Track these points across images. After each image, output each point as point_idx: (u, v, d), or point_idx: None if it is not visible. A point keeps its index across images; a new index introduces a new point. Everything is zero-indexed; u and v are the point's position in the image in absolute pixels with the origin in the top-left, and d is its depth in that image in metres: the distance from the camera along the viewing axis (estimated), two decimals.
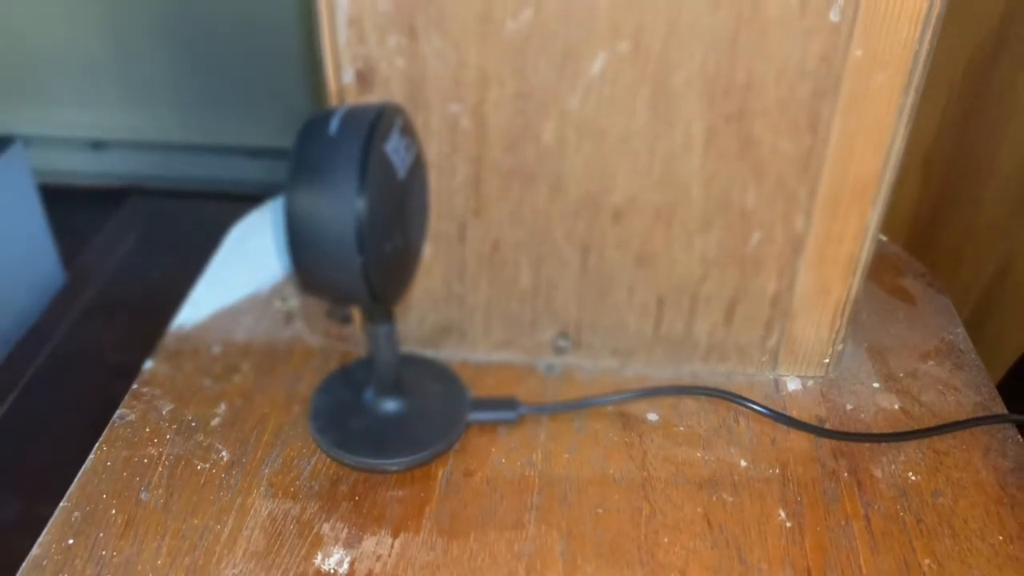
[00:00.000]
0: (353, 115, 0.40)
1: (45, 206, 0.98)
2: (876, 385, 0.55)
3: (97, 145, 1.81)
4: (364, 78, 0.47)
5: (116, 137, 1.82)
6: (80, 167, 1.78)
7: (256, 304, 0.62)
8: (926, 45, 0.44)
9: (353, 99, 0.48)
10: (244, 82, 1.72)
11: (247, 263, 0.66)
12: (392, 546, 0.45)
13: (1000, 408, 0.54)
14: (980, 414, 0.53)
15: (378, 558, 0.45)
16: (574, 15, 0.44)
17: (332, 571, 0.44)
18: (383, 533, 0.46)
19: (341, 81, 0.47)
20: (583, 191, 0.49)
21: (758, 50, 0.44)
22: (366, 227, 0.39)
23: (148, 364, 0.56)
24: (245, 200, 0.74)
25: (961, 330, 0.60)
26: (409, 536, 0.46)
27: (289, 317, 0.61)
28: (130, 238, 1.66)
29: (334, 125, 0.40)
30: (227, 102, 1.79)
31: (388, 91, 0.47)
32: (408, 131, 0.43)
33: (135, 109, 1.76)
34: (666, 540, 0.46)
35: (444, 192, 0.50)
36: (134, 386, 0.55)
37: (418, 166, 0.44)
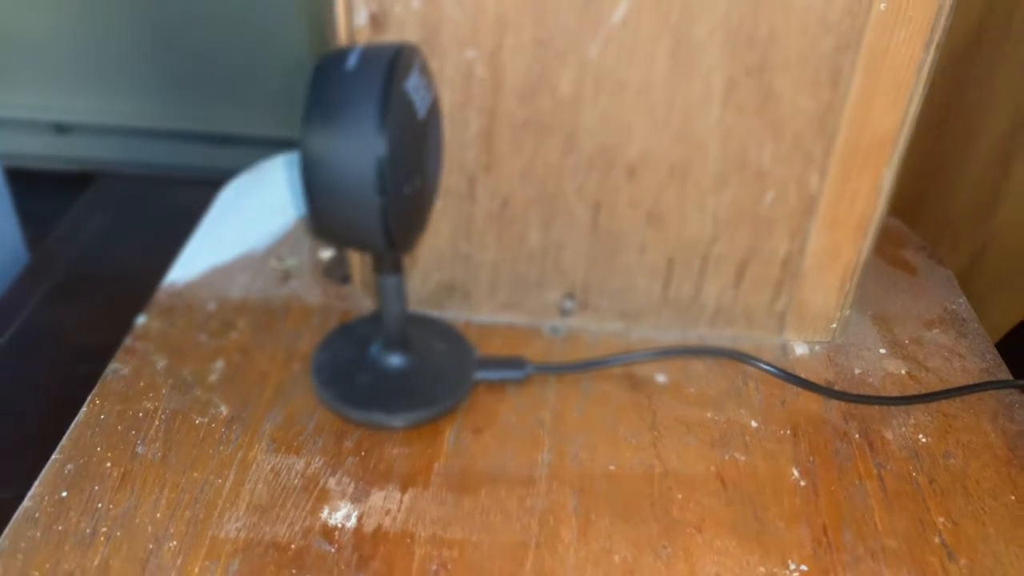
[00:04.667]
0: (371, 52, 0.39)
1: (9, 189, 0.96)
2: (883, 351, 0.55)
3: (61, 129, 1.77)
4: (378, 20, 0.45)
5: (80, 121, 1.79)
6: (44, 150, 1.74)
7: (251, 263, 0.60)
8: (949, 0, 0.43)
9: (365, 42, 0.46)
10: (211, 67, 1.70)
11: (240, 222, 0.64)
12: (401, 500, 0.44)
13: (1005, 374, 0.54)
14: (986, 379, 0.53)
15: (387, 512, 0.44)
16: None
17: (339, 525, 0.43)
18: (391, 488, 0.45)
19: (353, 24, 0.46)
20: (598, 145, 0.48)
21: (782, 1, 0.43)
22: (387, 166, 0.38)
23: (141, 319, 0.54)
24: (212, 186, 0.72)
25: (963, 300, 0.60)
26: (418, 491, 0.45)
27: (286, 276, 0.59)
28: (96, 220, 1.62)
29: (352, 61, 0.39)
30: (194, 87, 1.76)
31: (402, 35, 0.46)
32: (426, 72, 0.42)
33: (100, 93, 1.73)
34: (680, 497, 0.45)
35: (455, 145, 0.49)
36: (126, 341, 0.53)
37: (435, 109, 0.43)
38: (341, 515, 0.43)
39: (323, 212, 0.40)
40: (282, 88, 1.73)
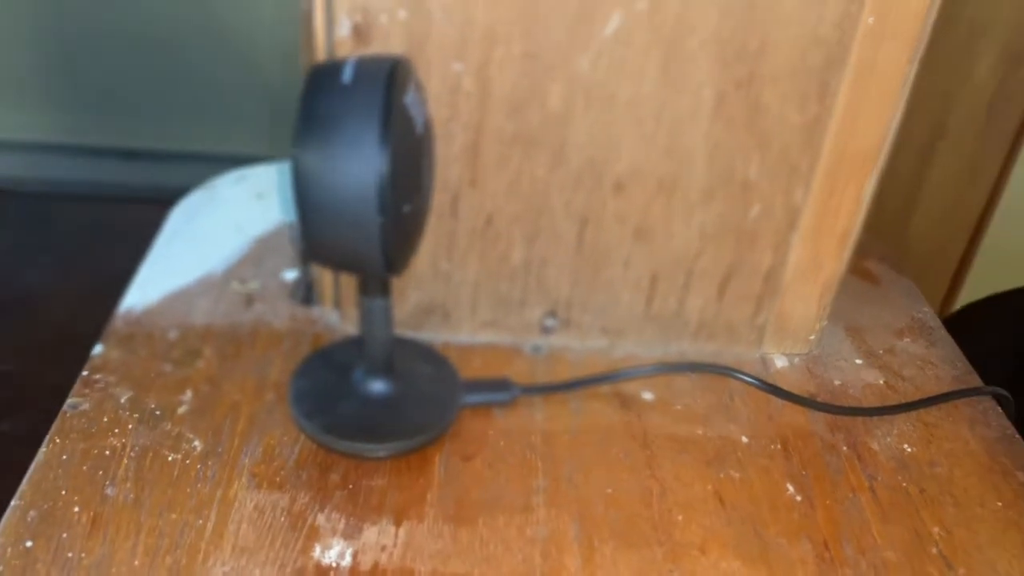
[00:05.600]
0: (366, 64, 0.37)
1: None
2: (859, 361, 0.56)
3: None
4: (361, 32, 0.43)
5: None
6: None
7: (211, 286, 0.57)
8: (934, 14, 0.44)
9: (349, 55, 0.44)
10: (119, 81, 1.65)
11: (195, 244, 0.61)
12: (396, 535, 0.42)
13: (977, 381, 0.55)
14: (959, 387, 0.54)
15: (383, 548, 0.41)
16: None
17: (334, 564, 0.40)
18: (384, 522, 0.43)
19: (334, 35, 0.44)
20: (586, 160, 0.47)
21: (775, 13, 0.43)
22: (388, 184, 0.36)
23: (98, 349, 0.51)
24: (122, 202, 0.68)
25: (928, 309, 0.61)
26: (413, 524, 0.43)
27: (249, 300, 0.56)
28: (4, 241, 1.54)
29: (347, 74, 0.37)
30: (101, 101, 1.71)
31: (387, 47, 0.44)
32: (420, 86, 0.40)
33: (4, 109, 1.65)
34: (680, 519, 0.44)
35: (439, 161, 0.47)
36: (84, 372, 0.49)
37: (430, 125, 0.41)
38: (335, 553, 0.41)
39: (319, 233, 0.37)
40: (195, 101, 1.69)
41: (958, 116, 1.02)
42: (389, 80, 0.36)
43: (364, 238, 0.37)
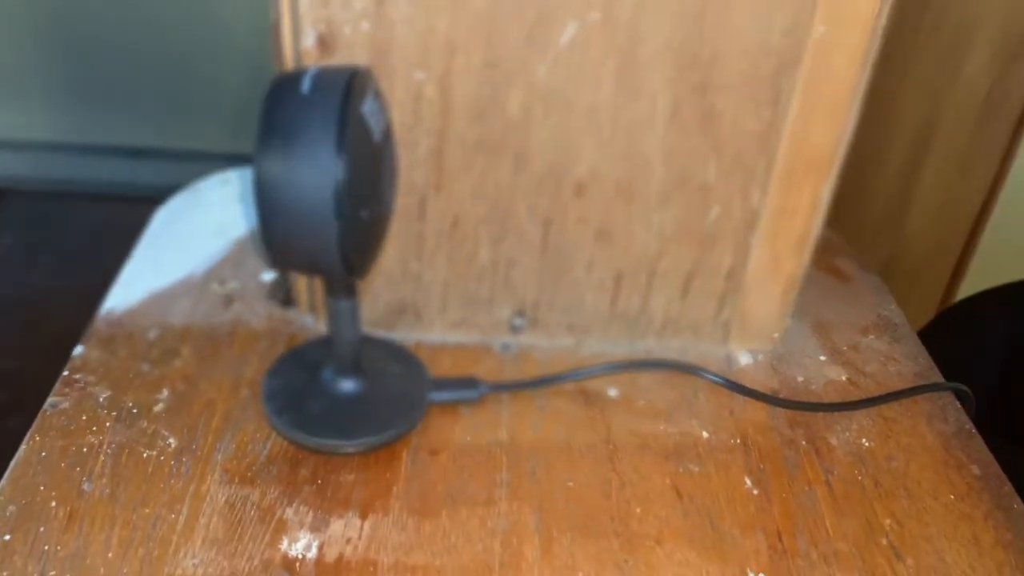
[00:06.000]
0: (325, 75, 0.39)
1: None
2: (823, 358, 0.57)
3: None
4: (325, 42, 0.45)
5: None
6: None
7: (191, 287, 0.59)
8: (883, 23, 0.45)
9: (313, 64, 0.46)
10: (123, 80, 1.65)
11: (177, 245, 0.62)
12: (361, 528, 0.44)
13: (938, 377, 0.56)
14: (920, 383, 0.55)
15: (348, 540, 0.43)
16: None
17: (300, 556, 0.42)
18: (351, 515, 0.44)
19: (300, 45, 0.45)
20: (547, 164, 0.49)
21: (725, 24, 0.45)
22: (344, 191, 0.37)
23: (79, 350, 0.53)
24: (126, 201, 0.70)
25: (895, 306, 0.63)
26: (378, 517, 0.44)
27: (228, 300, 0.58)
28: (7, 240, 1.56)
29: (306, 84, 0.38)
30: (105, 100, 1.71)
31: (351, 57, 0.45)
32: (380, 95, 0.41)
33: (5, 107, 1.66)
34: (638, 511, 0.46)
35: (405, 166, 0.49)
36: (64, 372, 0.51)
37: (389, 132, 0.43)
38: (301, 546, 0.43)
39: (279, 237, 0.39)
40: (200, 100, 1.69)
41: (950, 113, 1.03)
42: (346, 91, 0.38)
43: (323, 243, 0.38)
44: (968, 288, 1.12)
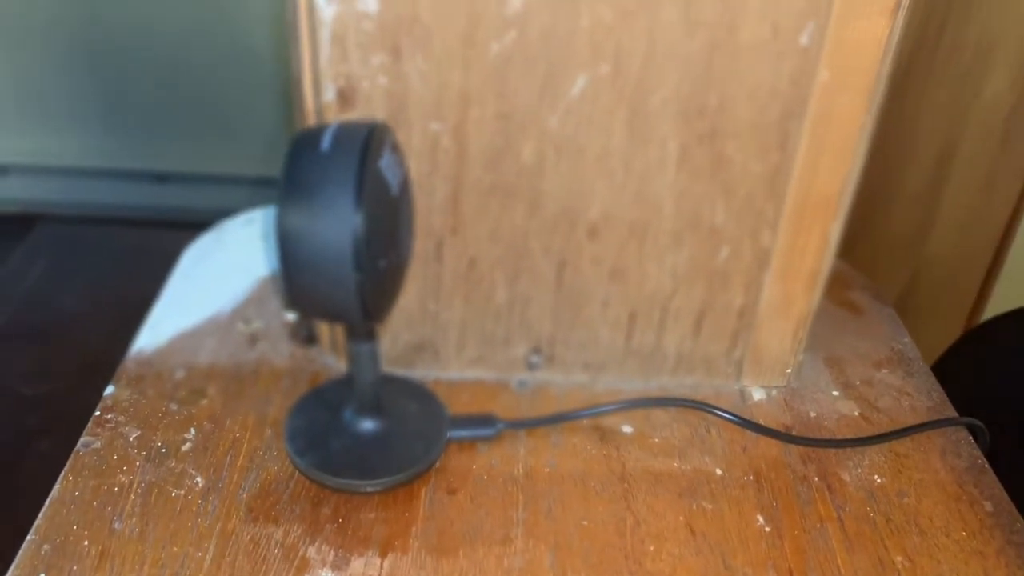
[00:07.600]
0: (344, 131, 0.40)
1: None
2: (836, 393, 0.58)
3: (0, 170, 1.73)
4: (345, 96, 0.47)
5: (17, 162, 1.75)
6: None
7: (218, 327, 0.60)
8: (887, 67, 0.46)
9: (333, 117, 0.47)
10: (151, 105, 1.67)
11: (204, 286, 0.64)
12: (381, 567, 0.45)
13: (951, 412, 0.57)
14: (933, 418, 0.56)
15: None
16: (556, 38, 0.45)
17: None
18: (371, 554, 0.46)
19: (321, 99, 0.47)
20: (560, 208, 0.50)
21: (731, 73, 0.46)
22: (363, 244, 0.39)
23: (109, 390, 0.54)
24: (155, 226, 0.71)
25: (908, 339, 0.63)
26: (397, 556, 0.46)
27: (253, 339, 0.60)
28: (39, 265, 1.59)
29: (326, 142, 0.40)
30: (133, 125, 1.73)
31: (370, 109, 0.47)
32: (397, 149, 0.43)
33: (35, 133, 1.69)
34: (652, 549, 0.47)
35: (422, 211, 0.50)
36: (96, 413, 0.53)
37: (407, 184, 0.44)
38: None
39: (300, 287, 0.41)
40: (227, 124, 1.71)
41: (971, 133, 1.04)
42: (364, 148, 0.39)
43: (342, 292, 0.40)
44: (994, 308, 1.12)
